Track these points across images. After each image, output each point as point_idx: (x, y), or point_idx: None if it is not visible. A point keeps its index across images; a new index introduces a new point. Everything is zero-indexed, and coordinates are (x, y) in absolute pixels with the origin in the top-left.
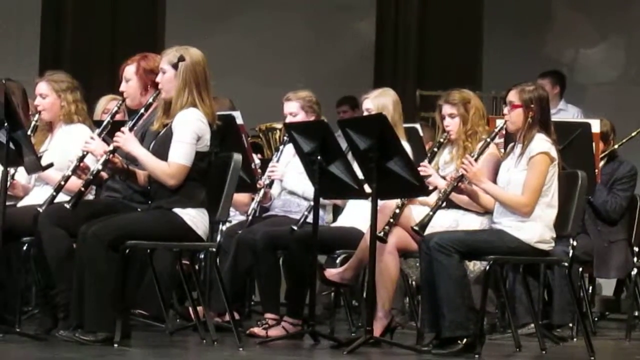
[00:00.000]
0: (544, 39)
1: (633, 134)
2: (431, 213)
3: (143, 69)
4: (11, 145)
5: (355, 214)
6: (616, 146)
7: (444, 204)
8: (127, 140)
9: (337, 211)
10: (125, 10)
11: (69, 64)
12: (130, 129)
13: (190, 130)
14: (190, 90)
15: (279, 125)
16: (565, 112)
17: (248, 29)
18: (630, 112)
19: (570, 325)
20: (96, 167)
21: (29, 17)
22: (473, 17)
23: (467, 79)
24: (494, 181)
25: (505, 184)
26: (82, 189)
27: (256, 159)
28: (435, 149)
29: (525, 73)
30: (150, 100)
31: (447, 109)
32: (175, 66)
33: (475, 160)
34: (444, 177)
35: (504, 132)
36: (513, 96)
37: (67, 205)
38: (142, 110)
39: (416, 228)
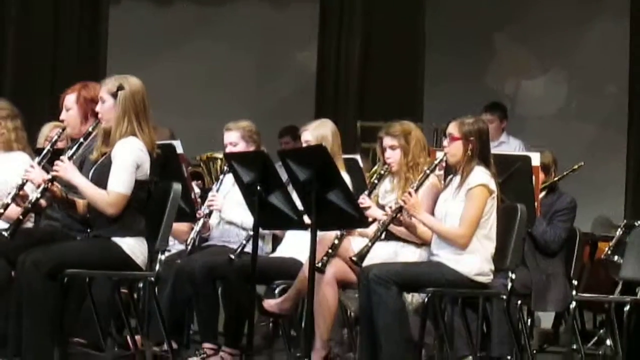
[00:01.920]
0: (485, 71)
1: (574, 168)
2: (370, 244)
3: (83, 98)
4: None
5: (294, 245)
6: (556, 179)
7: (383, 235)
8: (66, 169)
9: (276, 241)
10: (67, 38)
11: (9, 92)
12: (70, 158)
13: (129, 159)
14: (130, 119)
15: (220, 155)
16: (507, 145)
17: (191, 58)
18: (571, 145)
19: (509, 357)
20: (35, 195)
21: None
22: (414, 48)
23: (408, 111)
24: (433, 212)
25: (443, 216)
26: (21, 217)
27: (196, 188)
28: (376, 181)
29: (466, 105)
30: (90, 129)
31: (388, 141)
32: (114, 95)
33: (415, 191)
34: (383, 207)
35: (444, 164)
36: (453, 129)
37: (6, 234)
38: (81, 139)
39: (355, 259)
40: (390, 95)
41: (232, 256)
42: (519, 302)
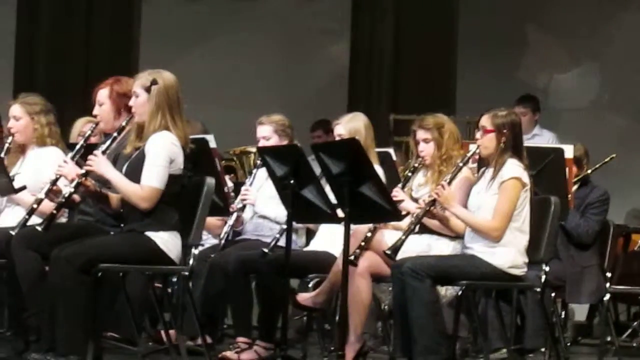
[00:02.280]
0: (518, 63)
1: (606, 160)
2: (403, 237)
3: (116, 93)
4: None
5: (328, 238)
6: (589, 171)
7: (416, 229)
8: (99, 163)
9: (309, 235)
10: (100, 33)
11: (42, 87)
12: (103, 152)
13: (163, 153)
14: (163, 113)
15: (253, 149)
16: (540, 137)
17: (222, 52)
18: (603, 137)
19: (543, 350)
20: (68, 190)
21: (3, 39)
22: (447, 41)
23: (441, 103)
24: (466, 205)
25: (476, 208)
26: (55, 212)
27: (229, 182)
28: (409, 174)
29: (499, 97)
30: (124, 123)
31: (421, 134)
32: (147, 90)
33: (448, 184)
34: (416, 200)
35: (477, 156)
36: (485, 121)
37: (40, 229)
38: (115, 134)
39: (388, 252)
40: (423, 88)
41: (266, 250)
42: (553, 294)
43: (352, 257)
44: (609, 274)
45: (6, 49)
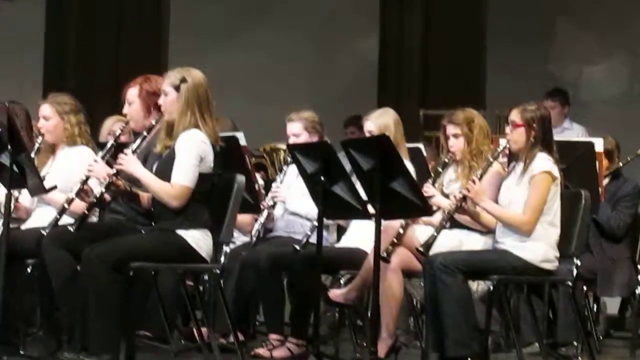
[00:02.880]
0: (547, 56)
1: (638, 152)
2: (435, 234)
3: (146, 91)
4: (14, 167)
5: (359, 235)
6: (620, 164)
7: (448, 224)
8: (129, 162)
9: (340, 231)
10: (129, 31)
11: (72, 86)
12: (133, 151)
13: (193, 151)
14: (193, 111)
15: (283, 146)
16: (570, 131)
17: (251, 49)
18: (635, 129)
19: (575, 343)
20: (99, 189)
21: (33, 39)
22: (476, 35)
23: (470, 98)
24: (497, 199)
25: (507, 203)
26: (86, 212)
27: (260, 179)
28: (440, 169)
29: (529, 91)
30: (153, 122)
31: (451, 129)
32: (177, 88)
33: (479, 179)
34: (447, 196)
35: (507, 151)
36: (515, 116)
37: (72, 229)
38: (144, 133)
39: (421, 249)
40: (452, 82)
41: (298, 247)
42: (585, 288)
43: (384, 254)
44: None
45: (36, 48)
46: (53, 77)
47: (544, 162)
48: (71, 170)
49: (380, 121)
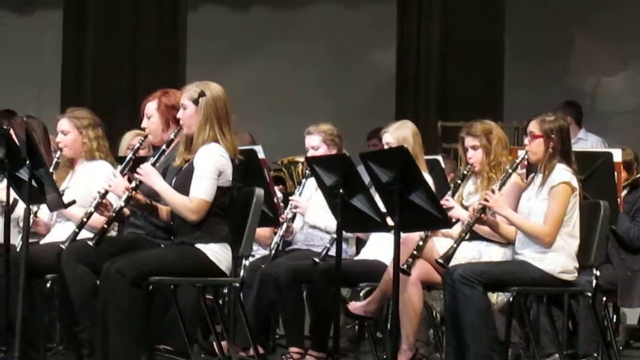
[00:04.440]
0: (564, 68)
1: None
2: (455, 245)
3: (164, 105)
4: (33, 182)
5: (379, 247)
6: (639, 175)
7: (467, 236)
8: (149, 175)
9: (360, 244)
10: (146, 45)
11: (90, 101)
12: (152, 165)
13: (211, 165)
14: (212, 125)
15: (301, 159)
16: (584, 142)
17: (269, 62)
18: None
19: (595, 355)
20: (119, 203)
21: (51, 53)
22: (494, 47)
23: (488, 110)
24: (516, 210)
25: (526, 214)
26: (105, 226)
27: (278, 192)
28: (459, 181)
29: (546, 103)
30: (172, 136)
31: (469, 141)
32: (195, 102)
33: (498, 190)
34: (467, 208)
35: (525, 162)
36: (533, 126)
37: (91, 243)
38: (164, 147)
39: (441, 261)
40: (470, 94)
41: (317, 260)
42: (604, 298)
43: (404, 266)
44: None
45: (53, 63)
46: (71, 91)
47: (563, 173)
48: (90, 185)
49: (399, 133)
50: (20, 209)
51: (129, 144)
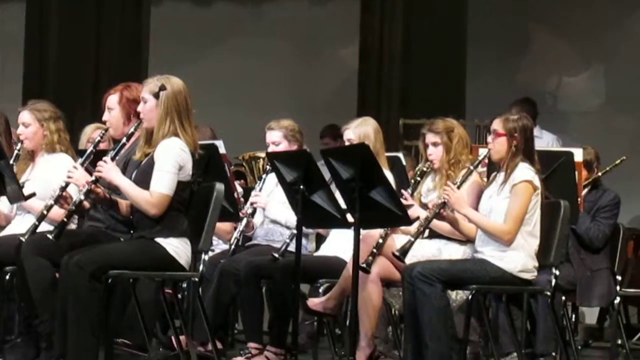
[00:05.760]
0: (527, 67)
1: (617, 162)
2: (413, 239)
3: (126, 99)
4: None
5: (338, 243)
6: (600, 174)
7: (426, 231)
8: (109, 169)
9: (320, 240)
10: (109, 39)
11: (52, 93)
12: (112, 159)
13: (172, 159)
14: (172, 119)
15: (262, 154)
16: (539, 140)
17: (232, 57)
18: (614, 140)
19: (554, 354)
20: (78, 197)
21: (13, 45)
22: (456, 45)
23: (450, 108)
24: (477, 209)
25: (487, 212)
26: (65, 219)
27: (239, 187)
28: (418, 178)
29: (508, 101)
30: (132, 129)
31: (430, 138)
32: (156, 95)
33: (458, 187)
34: (426, 206)
35: (486, 160)
36: (497, 125)
37: (51, 237)
38: (123, 140)
39: (397, 254)
40: (432, 92)
41: (277, 255)
42: (564, 298)
43: (364, 265)
44: (619, 277)
45: (15, 55)
46: (33, 83)
47: (525, 171)
48: (50, 178)
49: (360, 130)
50: None
51: (89, 137)
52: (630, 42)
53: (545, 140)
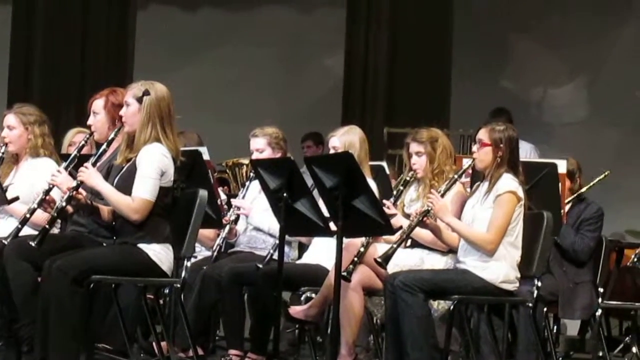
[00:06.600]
0: (512, 77)
1: (600, 177)
2: (395, 246)
3: (111, 104)
4: None
5: (321, 252)
6: (583, 189)
7: (409, 240)
8: (90, 175)
9: (302, 248)
10: (95, 44)
11: (37, 97)
12: (93, 164)
13: (154, 165)
14: (154, 124)
15: (246, 161)
16: None
17: (217, 63)
18: (598, 152)
19: None
20: (60, 203)
21: None
22: (441, 55)
23: (435, 117)
24: (460, 219)
25: (470, 221)
26: (47, 226)
27: (222, 194)
28: (402, 187)
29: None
30: (112, 135)
31: (414, 147)
32: (139, 100)
33: (442, 195)
34: (408, 216)
35: (470, 170)
36: (483, 135)
37: (33, 244)
38: (104, 146)
39: (379, 260)
40: (417, 101)
41: (260, 265)
42: (545, 309)
43: (345, 273)
44: (601, 289)
45: (1, 58)
46: (18, 87)
47: (509, 182)
48: (34, 182)
49: (346, 138)
50: None
51: (70, 142)
52: (616, 53)
53: (523, 150)
